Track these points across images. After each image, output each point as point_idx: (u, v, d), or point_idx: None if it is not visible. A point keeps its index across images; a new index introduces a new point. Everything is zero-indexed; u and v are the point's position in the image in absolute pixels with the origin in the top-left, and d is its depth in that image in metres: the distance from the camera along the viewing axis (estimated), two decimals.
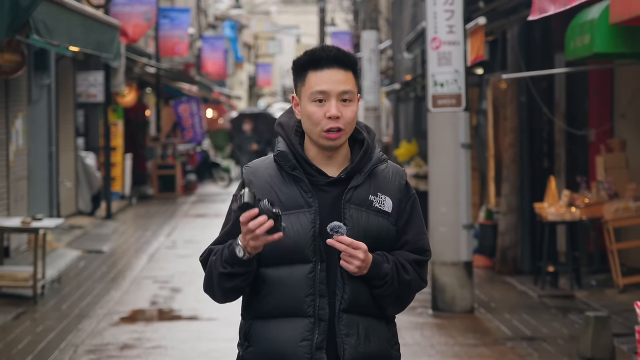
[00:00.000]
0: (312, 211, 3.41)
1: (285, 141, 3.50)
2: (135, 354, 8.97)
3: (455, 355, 8.92)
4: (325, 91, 3.42)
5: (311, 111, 3.43)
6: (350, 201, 3.44)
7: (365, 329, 3.43)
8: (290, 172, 3.45)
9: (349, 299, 3.40)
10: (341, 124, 3.42)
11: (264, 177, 3.48)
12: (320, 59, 3.44)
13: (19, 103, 14.98)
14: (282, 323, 3.40)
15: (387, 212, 3.48)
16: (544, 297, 11.62)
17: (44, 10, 9.99)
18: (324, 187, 3.46)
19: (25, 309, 11.00)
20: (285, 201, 3.43)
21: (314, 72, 3.44)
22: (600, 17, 9.20)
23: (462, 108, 10.82)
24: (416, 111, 23.32)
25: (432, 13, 10.77)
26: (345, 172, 3.46)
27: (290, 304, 3.39)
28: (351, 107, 3.44)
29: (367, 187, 3.48)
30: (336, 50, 3.46)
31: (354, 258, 3.34)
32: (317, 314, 3.38)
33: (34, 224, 11.39)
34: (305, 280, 3.39)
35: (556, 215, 11.82)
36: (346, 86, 3.43)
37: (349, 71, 3.46)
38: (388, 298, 3.45)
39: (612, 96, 12.80)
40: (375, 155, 3.52)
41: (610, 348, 8.57)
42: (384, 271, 3.41)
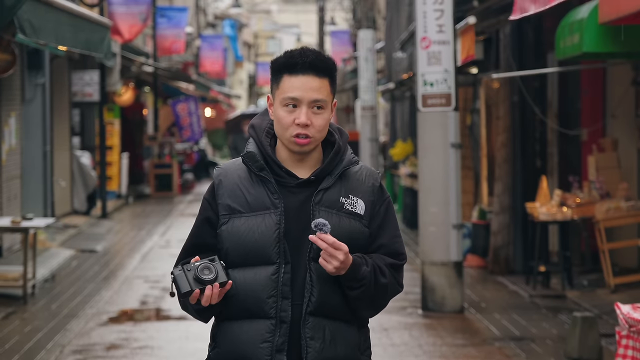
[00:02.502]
0: (278, 212, 3.39)
1: (255, 142, 3.49)
2: (121, 354, 8.95)
3: (442, 356, 8.89)
4: (296, 98, 3.39)
5: (281, 116, 3.41)
6: (320, 203, 3.41)
7: (331, 333, 3.40)
8: (258, 173, 3.44)
9: (316, 301, 3.37)
10: (310, 132, 3.40)
11: (234, 178, 3.47)
12: (297, 65, 3.41)
13: (12, 102, 14.96)
14: (245, 324, 3.40)
15: (359, 215, 3.44)
16: (535, 297, 11.60)
17: (29, 9, 9.95)
18: (293, 189, 3.43)
19: (14, 308, 10.98)
20: (251, 202, 3.42)
21: (289, 76, 3.41)
22: (590, 17, 9.19)
23: (452, 108, 10.79)
24: (412, 110, 23.29)
25: (421, 12, 10.75)
26: (315, 174, 3.44)
27: (253, 305, 3.38)
28: (323, 115, 3.41)
29: (338, 189, 3.45)
30: (314, 55, 3.42)
31: (333, 258, 3.30)
32: (278, 315, 3.37)
33: (24, 223, 11.36)
34: (268, 282, 3.37)
35: (548, 215, 11.79)
36: (319, 94, 3.40)
37: (325, 78, 3.43)
38: (363, 301, 3.42)
39: (604, 96, 12.78)
40: (346, 157, 3.49)
41: (598, 348, 8.55)
42: (362, 274, 3.37)
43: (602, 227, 11.41)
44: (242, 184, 3.45)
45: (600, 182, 11.76)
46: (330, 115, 3.45)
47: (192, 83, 33.43)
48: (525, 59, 13.46)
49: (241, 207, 3.43)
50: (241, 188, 3.45)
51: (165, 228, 19.38)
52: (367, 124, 25.12)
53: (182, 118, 31.41)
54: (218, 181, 3.49)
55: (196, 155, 32.66)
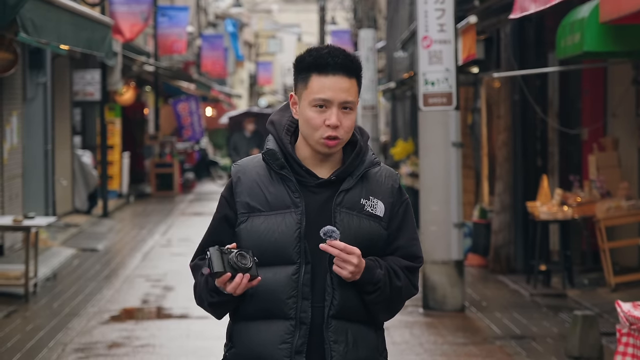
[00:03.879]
0: (299, 212, 3.34)
1: (275, 139, 3.41)
2: (123, 352, 8.97)
3: (443, 354, 8.91)
4: (327, 99, 3.33)
5: (310, 116, 3.34)
6: (341, 205, 3.36)
7: (354, 336, 3.36)
8: (278, 171, 3.37)
9: (338, 305, 3.32)
10: (339, 133, 3.34)
11: (252, 176, 3.41)
12: (327, 65, 3.33)
13: (13, 101, 14.98)
14: (263, 325, 3.35)
15: (379, 217, 3.40)
16: (536, 296, 11.61)
17: (31, 8, 9.97)
18: (313, 189, 3.37)
19: (16, 307, 11.00)
20: (271, 200, 3.36)
21: (318, 76, 3.34)
22: (590, 16, 9.20)
23: (453, 107, 10.81)
24: (413, 110, 23.31)
25: (422, 12, 10.76)
26: (336, 174, 3.38)
27: (272, 305, 3.33)
28: (351, 115, 3.36)
29: (359, 190, 3.40)
30: (343, 55, 3.36)
31: (347, 263, 3.26)
32: (298, 316, 3.32)
33: (26, 222, 11.39)
34: (288, 282, 3.32)
35: (549, 214, 11.81)
36: (349, 95, 3.34)
37: (354, 78, 3.37)
38: (380, 305, 3.38)
39: (605, 95, 12.79)
40: (367, 158, 3.43)
41: (598, 347, 8.56)
42: (377, 277, 3.33)
43: (602, 226, 11.42)
44: (261, 182, 3.39)
45: (601, 181, 11.77)
46: (356, 115, 3.41)
47: (193, 82, 33.45)
48: (526, 58, 13.48)
49: (260, 205, 3.37)
50: (260, 186, 3.39)
51: (166, 227, 19.41)
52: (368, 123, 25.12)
53: (183, 117, 31.45)
54: (237, 178, 3.43)
55: (197, 155, 32.68)
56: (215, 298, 3.35)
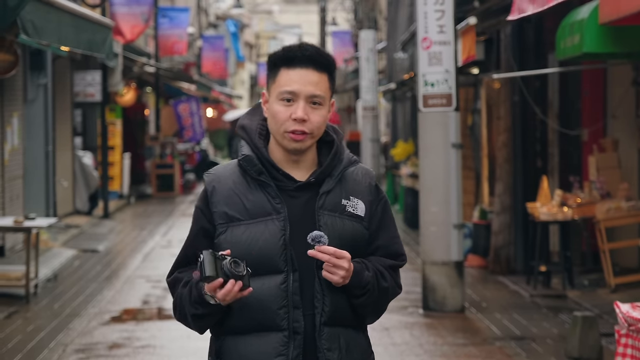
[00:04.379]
0: (281, 218, 3.23)
1: (249, 145, 3.31)
2: (123, 353, 8.99)
3: (443, 355, 8.93)
4: (294, 91, 3.24)
5: (277, 110, 3.26)
6: (323, 207, 3.26)
7: (346, 341, 3.29)
8: (256, 177, 3.27)
9: (329, 311, 3.24)
10: (307, 128, 3.24)
11: (228, 184, 3.29)
12: (295, 57, 3.27)
13: (14, 102, 15.01)
14: (255, 338, 3.23)
15: (360, 217, 3.31)
16: (536, 297, 11.63)
17: (32, 9, 10.00)
18: (292, 193, 3.27)
19: (17, 308, 11.02)
20: (251, 208, 3.24)
21: (286, 70, 3.27)
22: (590, 17, 9.22)
23: (452, 108, 10.83)
24: (413, 111, 23.33)
25: (422, 13, 10.78)
26: (315, 176, 3.29)
27: (263, 317, 3.22)
28: (320, 111, 3.26)
29: (339, 191, 3.31)
30: (313, 50, 3.30)
31: (338, 268, 3.17)
32: (291, 327, 3.21)
33: (27, 223, 11.41)
34: (277, 292, 3.21)
35: (548, 215, 11.83)
36: (317, 89, 3.26)
37: (324, 73, 3.29)
38: (368, 307, 3.31)
39: (605, 96, 12.81)
40: (345, 157, 3.36)
41: (598, 348, 8.58)
42: (365, 280, 3.25)
43: (602, 227, 11.44)
44: (238, 190, 3.27)
45: (601, 182, 11.79)
46: (328, 114, 3.32)
47: (193, 83, 33.48)
48: (526, 59, 13.50)
49: (240, 214, 3.25)
50: (238, 194, 3.26)
51: (167, 228, 19.43)
52: (368, 124, 25.16)
53: (183, 118, 31.47)
54: (211, 188, 3.30)
55: (198, 156, 32.71)
56: (199, 310, 3.21)
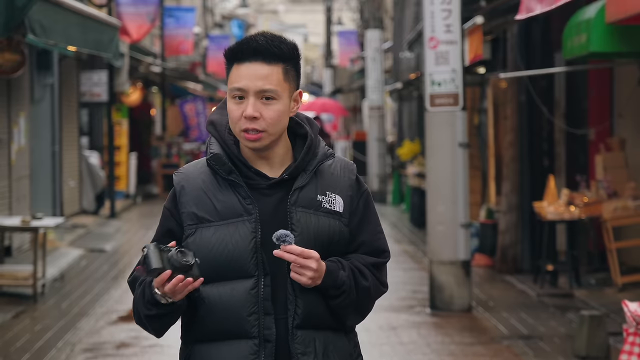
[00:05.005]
0: (252, 219, 3.05)
1: (218, 142, 3.13)
2: (131, 352, 9.02)
3: (450, 354, 8.94)
4: (242, 88, 3.05)
5: (230, 109, 3.08)
6: (296, 204, 3.08)
7: (323, 345, 3.10)
8: (226, 177, 3.09)
9: (302, 313, 3.06)
10: (259, 126, 3.04)
11: (197, 183, 3.11)
12: (242, 52, 3.07)
13: (21, 102, 15.04)
14: (225, 346, 3.05)
15: (338, 212, 3.12)
16: (543, 296, 11.63)
17: (39, 9, 10.04)
18: (265, 191, 3.09)
19: (25, 307, 11.04)
20: (221, 209, 3.07)
21: (237, 65, 3.08)
22: (597, 17, 9.23)
23: (459, 107, 10.84)
24: (419, 110, 23.35)
25: (429, 12, 10.79)
26: (288, 172, 3.10)
27: (232, 324, 3.04)
28: (274, 106, 3.05)
29: (314, 186, 3.12)
30: (264, 40, 3.08)
31: (305, 269, 2.99)
32: (262, 334, 3.04)
33: (34, 222, 11.43)
34: (247, 298, 3.03)
35: (555, 214, 11.83)
36: (267, 83, 3.05)
37: (276, 64, 3.07)
38: (347, 308, 3.12)
39: (612, 95, 12.81)
40: (320, 150, 3.16)
41: (605, 347, 8.58)
42: (340, 279, 3.07)
43: (609, 226, 11.44)
44: (207, 190, 3.09)
45: (608, 182, 11.79)
46: (290, 106, 3.12)
47: (199, 83, 33.51)
48: (533, 58, 13.50)
49: (209, 215, 3.07)
50: (207, 194, 3.09)
51: None
52: (374, 123, 25.19)
53: (189, 118, 31.51)
54: (180, 187, 3.13)
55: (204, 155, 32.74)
56: (152, 311, 3.04)
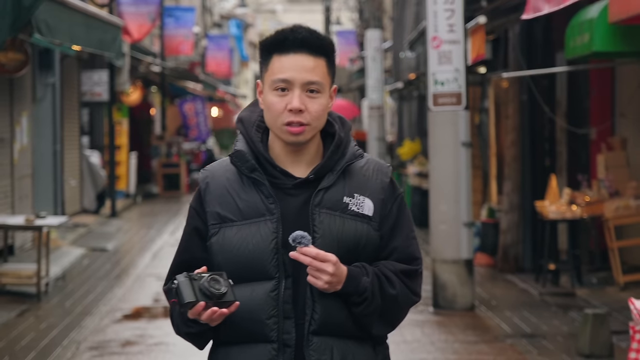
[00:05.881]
0: (274, 219, 2.95)
1: (244, 139, 3.04)
2: (137, 350, 9.05)
3: (454, 352, 8.98)
4: (287, 79, 2.96)
5: (271, 101, 2.98)
6: (320, 205, 2.97)
7: (341, 354, 2.97)
8: (249, 175, 3.00)
9: (319, 319, 2.94)
10: (304, 119, 2.95)
11: (222, 182, 3.03)
12: (287, 41, 2.98)
13: (23, 102, 15.07)
14: (243, 349, 2.98)
15: (367, 216, 3.00)
16: (545, 295, 11.67)
17: (46, 9, 10.07)
18: (290, 191, 2.99)
19: (29, 306, 11.08)
20: (244, 208, 2.98)
21: (279, 56, 2.98)
22: (600, 16, 9.26)
23: (462, 107, 10.87)
24: (419, 110, 23.40)
25: (432, 12, 10.83)
26: (314, 172, 2.99)
27: (251, 327, 2.95)
28: (319, 99, 2.98)
29: (341, 187, 3.00)
30: (307, 32, 2.99)
31: (321, 272, 2.87)
32: (281, 338, 2.94)
33: (38, 221, 11.47)
34: (266, 300, 2.94)
35: (557, 214, 11.87)
36: (314, 75, 2.96)
37: (321, 58, 2.99)
38: (370, 317, 2.98)
39: (613, 95, 12.84)
40: (349, 150, 3.05)
41: (609, 345, 8.62)
42: (363, 286, 2.94)
43: (611, 225, 11.48)
44: (231, 188, 3.01)
45: (610, 181, 11.83)
46: (329, 102, 3.03)
47: (199, 83, 33.54)
48: (534, 58, 13.54)
49: (232, 214, 2.99)
50: (231, 193, 3.01)
51: (174, 227, 19.48)
52: (374, 123, 25.21)
53: (189, 118, 31.54)
54: (205, 185, 3.05)
55: (203, 155, 32.77)
56: (193, 328, 2.98)
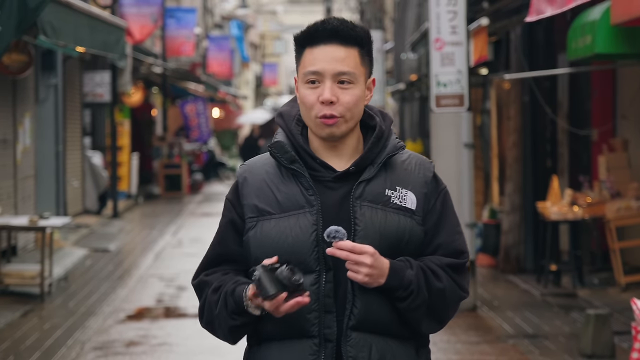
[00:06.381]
0: (314, 211, 2.89)
1: (284, 131, 3.00)
2: (140, 350, 9.09)
3: (457, 352, 9.01)
4: (317, 71, 2.92)
5: (304, 94, 2.94)
6: (361, 197, 2.90)
7: (380, 352, 2.89)
8: (289, 166, 2.94)
9: (359, 314, 2.87)
10: (336, 111, 2.90)
11: (260, 175, 2.99)
12: (317, 33, 2.94)
13: (26, 103, 15.11)
14: (284, 346, 2.92)
15: (410, 209, 2.93)
16: (547, 296, 11.71)
17: (51, 11, 10.12)
18: (330, 184, 2.93)
19: (32, 306, 11.12)
20: (282, 201, 2.92)
21: (310, 48, 2.95)
22: (602, 18, 9.29)
23: (465, 108, 10.91)
24: (421, 111, 23.43)
25: (435, 14, 10.87)
26: (355, 164, 2.92)
27: (292, 323, 2.88)
28: (351, 90, 2.91)
29: (383, 180, 2.93)
30: (338, 22, 2.94)
31: (359, 265, 2.80)
32: (322, 333, 2.87)
33: (41, 222, 11.51)
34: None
35: (559, 215, 11.91)
36: (344, 66, 2.90)
37: (353, 48, 2.93)
38: (417, 312, 2.90)
39: (615, 96, 12.88)
40: (390, 142, 2.97)
41: (611, 345, 8.66)
42: (407, 279, 2.86)
43: (612, 226, 11.52)
44: (270, 181, 2.96)
45: (611, 182, 11.87)
46: (365, 93, 2.96)
47: (201, 84, 33.59)
48: (536, 59, 13.58)
49: (270, 207, 2.93)
50: (270, 185, 2.96)
51: (176, 227, 19.52)
52: None
53: (190, 119, 31.57)
54: (242, 179, 3.02)
55: (205, 156, 32.81)
56: (238, 320, 2.91)
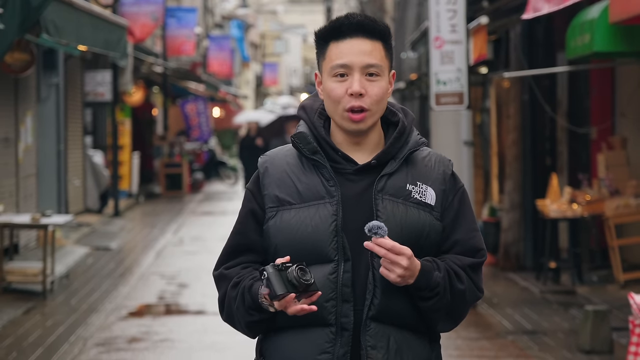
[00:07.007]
0: (334, 202, 2.92)
1: (306, 123, 3.02)
2: (143, 346, 9.16)
3: (457, 348, 9.08)
4: (346, 64, 2.94)
5: (331, 87, 2.96)
6: (383, 191, 2.93)
7: (397, 344, 2.92)
8: (310, 157, 2.97)
9: (379, 304, 2.89)
10: (365, 103, 2.93)
11: (282, 165, 3.01)
12: (342, 27, 2.96)
13: (28, 102, 15.18)
14: (299, 334, 2.93)
15: (429, 205, 2.96)
16: (546, 293, 11.78)
17: (53, 10, 10.19)
18: (351, 176, 2.96)
19: (35, 303, 11.18)
20: (303, 191, 2.95)
21: (336, 42, 2.97)
22: (600, 17, 9.36)
23: (464, 106, 10.98)
24: (421, 109, 23.49)
25: (434, 12, 10.94)
26: (377, 157, 2.96)
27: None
28: (378, 83, 2.95)
29: (404, 175, 2.97)
30: (362, 16, 2.98)
31: (395, 265, 2.82)
32: (339, 322, 2.90)
33: (44, 220, 11.57)
34: (325, 283, 2.88)
35: (558, 212, 11.97)
36: (372, 58, 2.94)
37: (377, 41, 2.97)
38: (439, 312, 2.93)
39: (613, 94, 12.94)
40: (412, 138, 3.01)
41: (609, 341, 8.72)
42: (435, 280, 2.89)
43: (611, 224, 11.58)
44: (291, 172, 2.99)
45: (610, 180, 11.93)
46: (389, 87, 3.00)
47: (202, 83, 33.65)
48: (535, 58, 13.64)
49: (291, 197, 2.96)
50: (290, 176, 2.98)
51: (177, 226, 19.58)
52: None
53: (190, 118, 31.63)
54: (263, 169, 3.02)
55: (206, 155, 32.87)
56: (255, 316, 2.94)
